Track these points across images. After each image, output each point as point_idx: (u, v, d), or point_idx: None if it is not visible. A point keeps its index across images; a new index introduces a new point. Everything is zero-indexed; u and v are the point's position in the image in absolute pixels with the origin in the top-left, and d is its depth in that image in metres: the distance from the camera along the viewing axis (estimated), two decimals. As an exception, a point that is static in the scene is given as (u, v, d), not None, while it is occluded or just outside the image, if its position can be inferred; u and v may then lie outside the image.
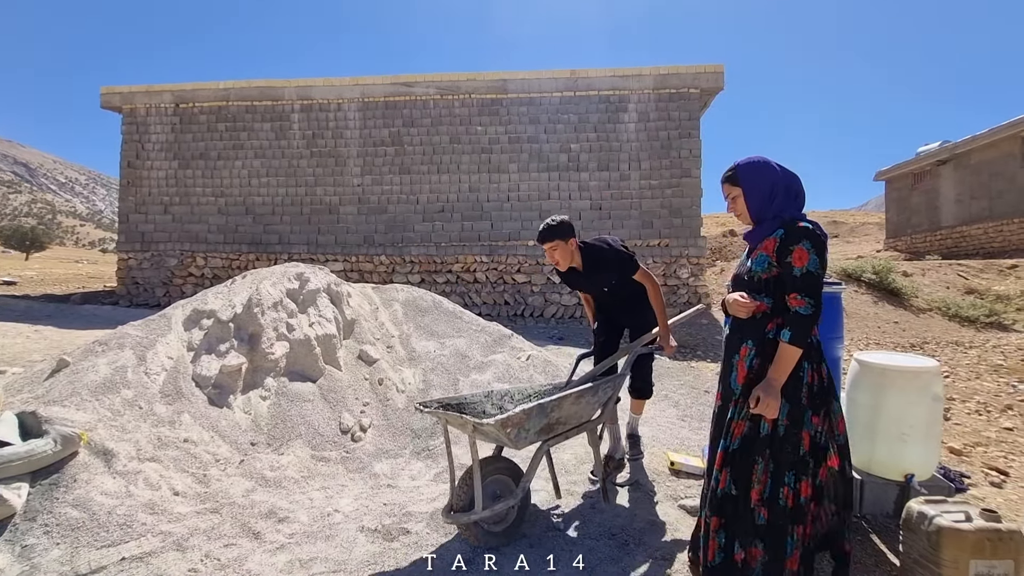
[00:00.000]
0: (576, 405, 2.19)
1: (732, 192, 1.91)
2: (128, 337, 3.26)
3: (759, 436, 1.75)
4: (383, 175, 11.10)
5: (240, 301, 3.71)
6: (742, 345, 1.85)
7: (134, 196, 11.77)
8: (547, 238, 2.66)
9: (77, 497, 2.20)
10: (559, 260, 2.68)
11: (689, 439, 3.60)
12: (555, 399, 2.08)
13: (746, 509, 1.75)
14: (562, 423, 2.17)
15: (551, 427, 2.13)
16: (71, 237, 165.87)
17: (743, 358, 1.83)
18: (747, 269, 1.88)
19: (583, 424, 2.35)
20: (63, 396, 2.76)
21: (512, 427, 1.92)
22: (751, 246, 1.92)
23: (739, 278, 1.93)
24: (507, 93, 10.74)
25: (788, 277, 1.74)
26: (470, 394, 2.48)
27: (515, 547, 2.18)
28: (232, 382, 3.34)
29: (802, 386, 1.75)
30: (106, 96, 11.85)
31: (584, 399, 2.23)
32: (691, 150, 10.26)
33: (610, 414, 2.48)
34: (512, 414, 1.91)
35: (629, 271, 2.73)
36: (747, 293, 1.83)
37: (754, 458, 1.75)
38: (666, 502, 2.68)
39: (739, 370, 1.85)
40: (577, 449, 3.29)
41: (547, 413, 2.05)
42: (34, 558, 1.95)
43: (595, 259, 2.72)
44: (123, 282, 11.76)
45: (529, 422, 1.98)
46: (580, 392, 2.19)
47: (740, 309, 1.82)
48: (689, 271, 10.16)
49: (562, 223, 2.65)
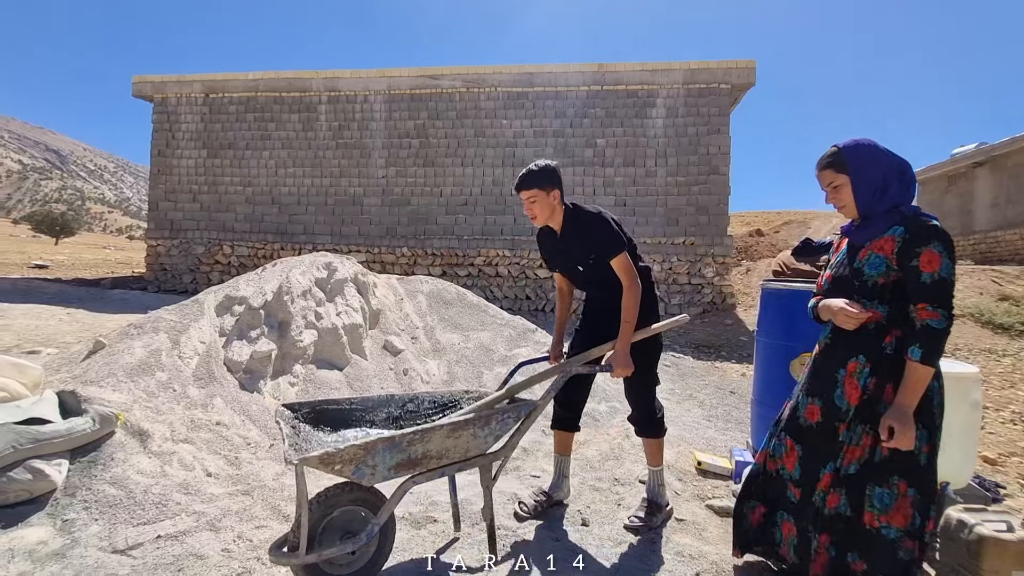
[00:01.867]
0: (453, 439, 1.78)
1: (835, 180, 1.64)
2: (163, 321, 3.33)
3: (875, 461, 1.59)
4: (407, 167, 11.15)
5: (271, 289, 3.76)
6: (850, 359, 1.63)
7: (164, 184, 12.02)
8: (526, 185, 2.20)
9: (114, 475, 2.25)
10: (537, 214, 2.25)
11: (715, 439, 3.55)
12: (414, 432, 1.68)
13: (861, 529, 1.61)
14: (434, 458, 1.76)
15: (416, 462, 1.72)
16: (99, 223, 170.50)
17: (852, 374, 1.62)
18: (853, 271, 1.64)
19: (471, 459, 1.89)
20: (100, 377, 2.82)
21: (344, 464, 1.55)
22: (855, 244, 1.66)
23: (841, 281, 1.68)
24: (533, 87, 10.67)
25: (914, 284, 1.50)
26: (360, 398, 2.12)
27: (544, 544, 2.17)
28: (262, 368, 3.39)
29: (932, 407, 1.55)
30: (138, 85, 12.10)
31: (467, 431, 1.81)
32: (720, 147, 10.08)
33: (512, 449, 2.03)
34: (334, 451, 1.53)
35: (608, 252, 2.20)
36: (855, 299, 1.61)
37: (871, 484, 1.59)
38: (693, 502, 2.64)
39: (847, 387, 1.64)
40: (602, 445, 3.27)
41: (402, 448, 1.66)
42: (74, 532, 1.99)
43: (577, 223, 2.26)
44: (151, 268, 12.04)
45: (372, 457, 1.60)
46: (459, 424, 1.78)
47: (849, 320, 1.58)
48: (714, 270, 10.00)
49: (545, 168, 2.21)
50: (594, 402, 3.87)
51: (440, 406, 2.24)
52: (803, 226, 28.11)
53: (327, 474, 1.62)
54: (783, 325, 2.95)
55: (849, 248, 1.70)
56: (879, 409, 1.57)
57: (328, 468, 1.55)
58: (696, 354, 6.98)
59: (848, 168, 1.62)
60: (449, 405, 2.25)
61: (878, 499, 1.58)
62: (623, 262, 2.21)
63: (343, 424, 2.02)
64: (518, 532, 2.23)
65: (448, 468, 1.85)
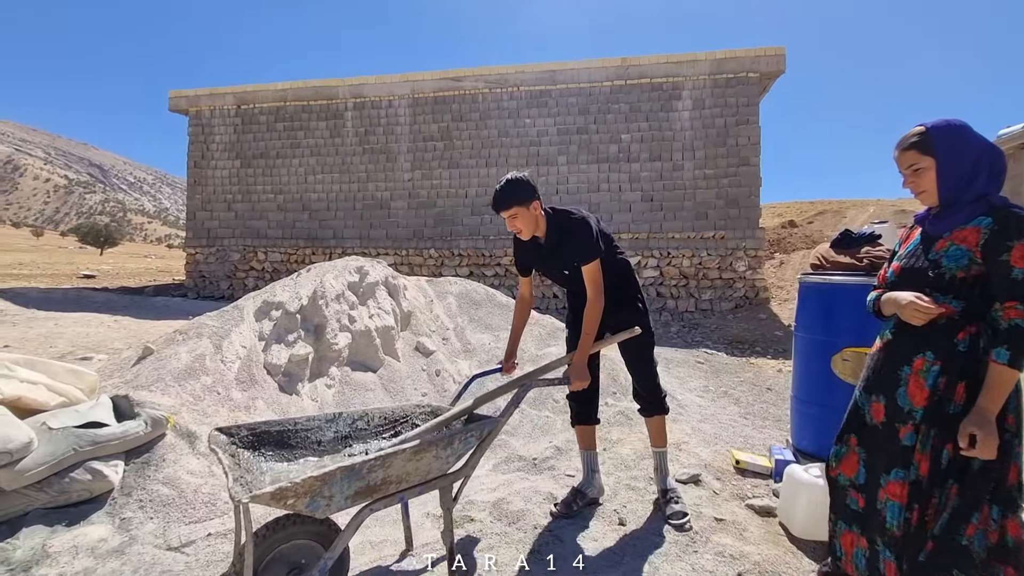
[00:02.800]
0: (415, 461, 1.66)
1: (919, 163, 1.51)
2: (206, 327, 3.45)
3: (940, 468, 1.48)
4: (432, 170, 11.26)
5: (306, 293, 3.85)
6: (916, 356, 1.51)
7: (200, 194, 12.45)
8: (503, 205, 2.12)
9: (166, 475, 2.35)
10: (521, 228, 2.20)
11: (753, 437, 3.47)
12: (375, 458, 1.53)
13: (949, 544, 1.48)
14: (394, 483, 1.64)
15: (374, 489, 1.59)
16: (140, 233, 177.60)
17: (918, 372, 1.50)
18: (929, 263, 1.51)
19: (432, 480, 1.78)
20: (149, 382, 2.95)
21: (298, 497, 1.40)
22: (932, 234, 1.54)
23: (911, 273, 1.56)
24: (556, 84, 10.64)
25: (1003, 280, 1.39)
26: (306, 417, 1.97)
27: (581, 545, 2.17)
28: (300, 370, 3.48)
29: (1008, 411, 1.43)
30: (174, 100, 12.55)
31: (429, 453, 1.68)
32: (749, 137, 9.85)
33: (473, 468, 1.93)
34: (290, 485, 1.37)
35: (581, 258, 2.18)
36: (926, 292, 1.49)
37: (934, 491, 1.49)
38: (732, 501, 2.59)
39: (911, 386, 1.52)
40: (636, 444, 3.24)
41: (362, 475, 1.52)
42: (132, 530, 2.09)
43: (559, 230, 2.23)
44: (191, 275, 12.49)
45: (329, 488, 1.46)
46: (421, 446, 1.65)
47: (919, 315, 1.45)
48: (746, 264, 9.79)
49: (519, 182, 2.13)
50: (627, 400, 3.84)
51: (391, 422, 2.12)
52: (838, 216, 27.17)
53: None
54: (823, 320, 2.87)
55: (924, 238, 1.56)
56: (949, 410, 1.46)
57: (280, 503, 1.39)
58: (729, 350, 6.85)
59: (935, 151, 1.48)
60: (400, 421, 2.14)
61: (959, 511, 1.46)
62: (592, 272, 2.20)
63: (285, 447, 1.88)
64: (554, 532, 2.23)
65: (408, 492, 1.73)
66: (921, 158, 1.51)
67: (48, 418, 2.24)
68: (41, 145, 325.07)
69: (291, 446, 1.91)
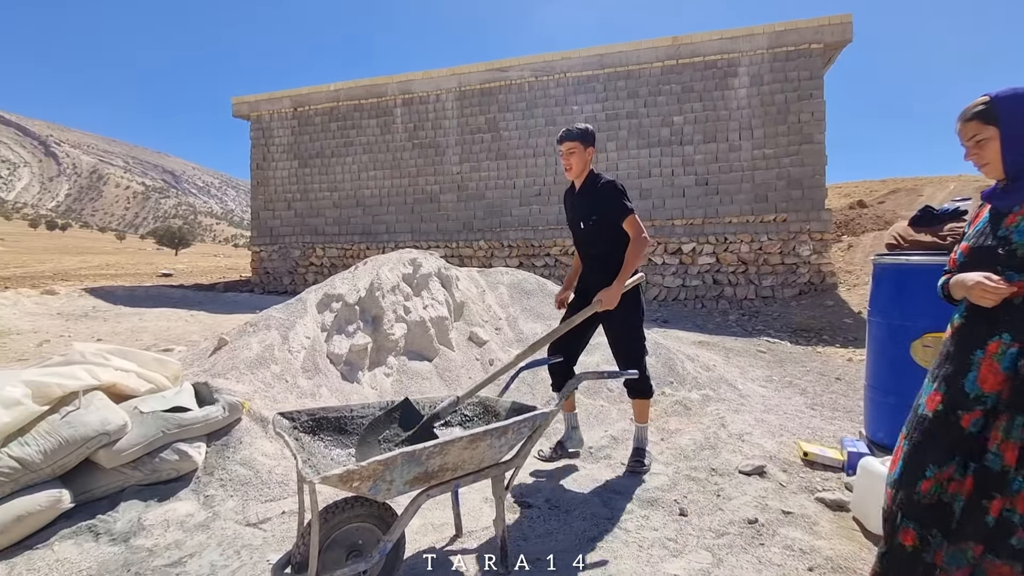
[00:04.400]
0: (471, 450, 1.70)
1: (981, 133, 1.44)
2: (273, 319, 3.64)
3: None
4: (480, 162, 11.33)
5: (363, 286, 3.98)
6: (991, 339, 1.42)
7: (263, 195, 13.09)
8: (569, 136, 2.61)
9: (243, 457, 2.51)
10: (574, 164, 2.64)
11: (822, 429, 3.30)
12: (434, 445, 1.58)
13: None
14: (449, 470, 1.68)
15: (431, 475, 1.64)
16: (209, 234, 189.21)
17: (993, 356, 1.41)
18: (998, 240, 1.44)
19: (485, 469, 1.81)
20: (225, 370, 3.15)
21: (362, 480, 1.45)
22: (1001, 210, 1.47)
23: (981, 252, 1.48)
24: (603, 68, 10.42)
25: None
26: (361, 404, 2.05)
27: (639, 533, 2.14)
28: (360, 360, 3.62)
29: None
30: (236, 105, 13.22)
31: (484, 442, 1.71)
32: (813, 113, 9.29)
33: (524, 458, 1.96)
34: (356, 468, 1.43)
35: (615, 213, 2.58)
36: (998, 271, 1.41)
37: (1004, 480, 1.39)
38: (801, 494, 2.48)
39: (983, 370, 1.43)
40: (695, 434, 3.16)
41: (421, 462, 1.57)
42: (215, 506, 2.25)
43: (593, 184, 2.66)
44: (256, 272, 13.20)
45: (391, 473, 1.51)
46: (478, 435, 1.68)
47: (988, 295, 1.37)
48: (811, 248, 9.28)
49: (586, 129, 2.62)
50: (684, 390, 3.75)
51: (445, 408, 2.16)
52: (913, 194, 25.22)
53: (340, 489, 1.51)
54: (900, 303, 2.67)
55: (992, 215, 1.48)
56: None
57: (346, 486, 1.45)
58: (794, 339, 6.53)
59: (999, 120, 1.41)
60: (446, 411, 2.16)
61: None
62: (633, 223, 2.58)
63: (343, 433, 1.96)
64: (613, 520, 2.21)
65: (462, 479, 1.77)
66: (984, 128, 1.43)
67: (139, 403, 2.44)
68: (121, 155, 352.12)
69: (348, 432, 1.99)
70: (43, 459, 2.04)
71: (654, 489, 2.49)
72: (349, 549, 1.72)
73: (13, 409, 2.04)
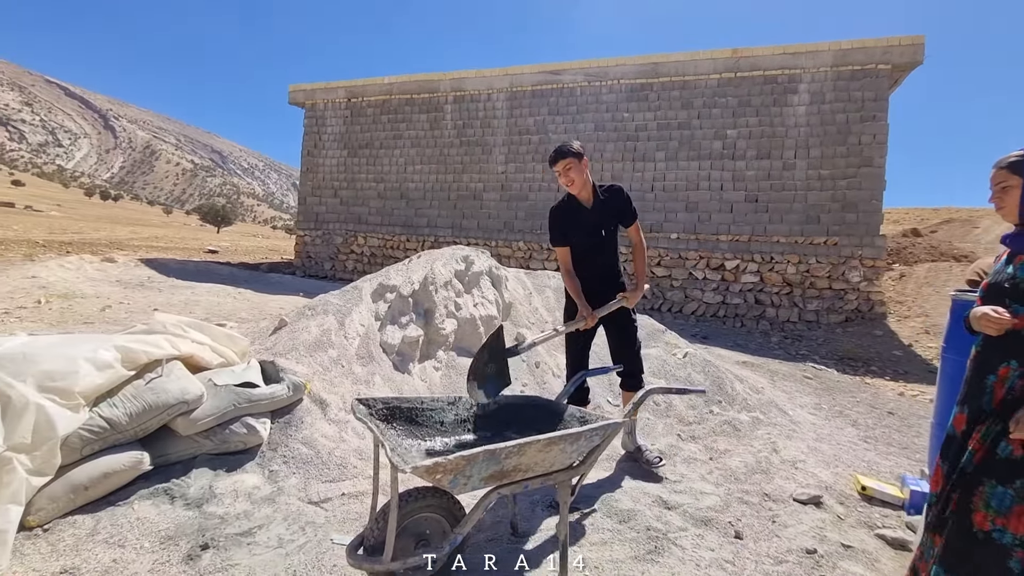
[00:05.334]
0: (545, 453, 1.72)
1: (1007, 181, 1.64)
2: (331, 304, 3.73)
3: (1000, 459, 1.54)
4: (526, 163, 11.36)
5: (417, 279, 4.05)
6: (1002, 365, 1.59)
7: (311, 181, 13.43)
8: (562, 155, 2.63)
9: (305, 436, 2.59)
10: (574, 179, 2.66)
11: (877, 464, 3.20)
12: (514, 445, 1.61)
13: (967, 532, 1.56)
14: (521, 471, 1.71)
15: (505, 474, 1.68)
16: (250, 214, 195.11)
17: (1002, 379, 1.57)
18: (1007, 277, 1.62)
19: (554, 473, 1.84)
20: (285, 350, 3.25)
21: (444, 473, 1.50)
22: (1014, 251, 1.67)
23: (994, 288, 1.67)
24: (658, 77, 10.31)
25: None
26: (431, 398, 2.11)
27: (694, 551, 2.12)
28: (411, 351, 3.68)
29: None
30: (293, 93, 13.59)
31: (557, 447, 1.74)
32: (875, 135, 8.99)
33: (591, 466, 1.98)
34: (444, 461, 1.47)
35: (628, 217, 2.76)
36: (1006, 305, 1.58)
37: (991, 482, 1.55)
38: (859, 528, 2.42)
39: (997, 393, 1.59)
40: (745, 456, 3.10)
41: (499, 460, 1.61)
42: (279, 482, 2.33)
43: (607, 193, 2.74)
44: (299, 255, 13.54)
45: (471, 468, 1.55)
46: (553, 439, 1.71)
47: (991, 325, 1.56)
48: (861, 274, 8.98)
49: (571, 143, 2.66)
50: (734, 410, 3.69)
51: (501, 408, 2.22)
52: (968, 225, 24.13)
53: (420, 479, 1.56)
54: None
55: (1008, 256, 1.70)
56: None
57: (431, 477, 1.48)
58: (840, 367, 6.33)
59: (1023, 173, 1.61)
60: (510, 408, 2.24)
61: (996, 499, 1.52)
62: (638, 226, 2.83)
63: (414, 424, 2.02)
64: (669, 536, 2.20)
65: (531, 481, 1.79)
66: (1010, 177, 1.64)
67: (212, 375, 2.54)
68: (173, 132, 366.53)
69: (418, 423, 2.04)
70: (128, 421, 2.16)
71: (706, 509, 2.46)
72: (417, 538, 1.77)
73: (105, 371, 2.16)
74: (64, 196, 74.30)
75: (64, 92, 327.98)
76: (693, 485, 2.71)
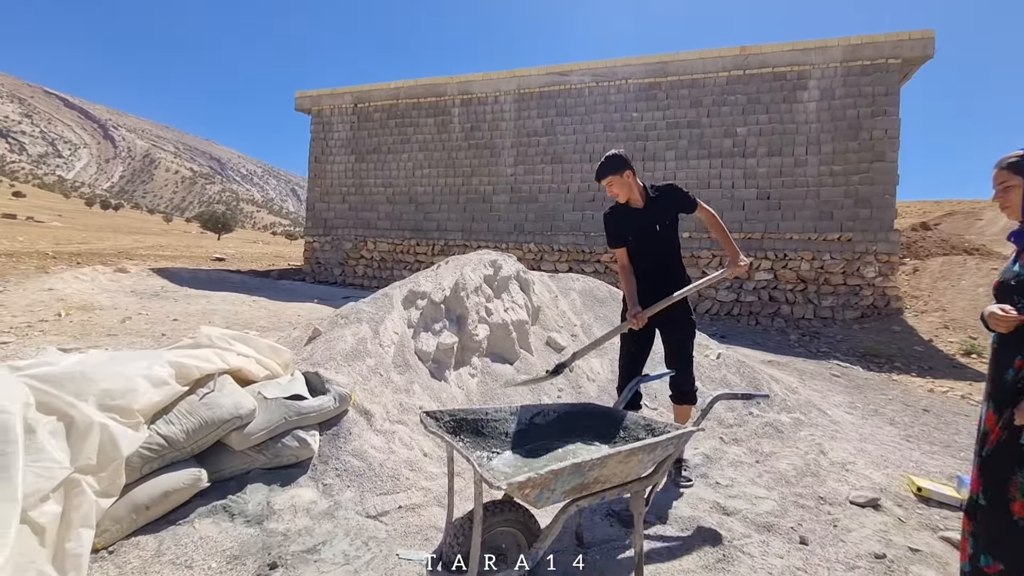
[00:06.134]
0: (625, 464, 1.71)
1: (1009, 181, 1.69)
2: (363, 312, 3.71)
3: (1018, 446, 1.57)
4: (535, 165, 11.34)
5: (448, 285, 4.02)
6: (1017, 358, 1.64)
7: (319, 187, 13.41)
8: (602, 174, 2.70)
9: (355, 448, 2.56)
10: (618, 192, 2.72)
11: (925, 464, 3.17)
12: (599, 458, 1.58)
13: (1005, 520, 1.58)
14: (600, 482, 1.70)
15: (585, 486, 1.66)
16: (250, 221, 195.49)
17: (1018, 371, 1.62)
18: (1014, 274, 1.67)
19: (629, 483, 1.81)
20: (323, 360, 3.22)
21: (533, 488, 1.47)
22: (1019, 248, 1.72)
23: (1004, 286, 1.71)
24: (666, 76, 10.29)
25: None
26: (494, 408, 2.08)
27: (768, 560, 2.09)
28: (447, 359, 3.65)
29: None
30: (299, 100, 13.58)
31: (637, 457, 1.72)
32: (887, 130, 8.97)
33: (663, 475, 1.95)
34: (536, 476, 1.44)
35: (687, 205, 2.77)
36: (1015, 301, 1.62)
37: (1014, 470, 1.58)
38: (923, 531, 2.38)
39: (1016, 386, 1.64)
40: (793, 459, 3.07)
41: (583, 472, 1.58)
42: (335, 495, 2.30)
43: (657, 192, 2.76)
44: (308, 261, 13.52)
45: (557, 482, 1.52)
46: (635, 449, 1.69)
47: (999, 323, 1.61)
48: (876, 270, 8.95)
49: (614, 156, 2.67)
50: (773, 412, 3.65)
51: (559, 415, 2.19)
52: (971, 218, 24.12)
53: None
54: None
55: (1016, 255, 1.72)
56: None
57: (520, 492, 1.45)
58: (864, 364, 6.29)
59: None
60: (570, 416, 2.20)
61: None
62: (704, 205, 2.83)
63: (480, 435, 1.99)
64: (734, 543, 2.17)
65: (608, 492, 1.76)
66: (1011, 177, 1.68)
67: (261, 388, 2.51)
68: (172, 140, 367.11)
69: (483, 435, 2.01)
70: (185, 438, 2.13)
71: (765, 514, 2.43)
72: (494, 552, 1.74)
73: (161, 388, 2.13)
74: (65, 206, 74.40)
75: (63, 103, 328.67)
76: (746, 489, 2.68)
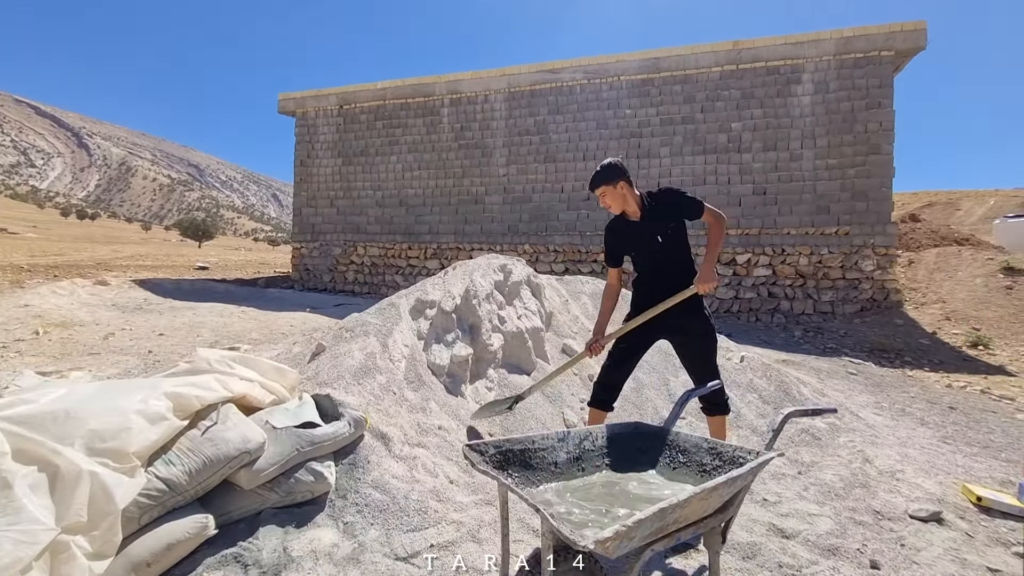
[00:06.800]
0: (706, 500, 1.55)
1: None
2: (370, 325, 3.46)
3: None
4: (528, 164, 11.14)
5: (457, 292, 3.79)
6: None
7: (306, 192, 13.04)
8: (594, 185, 2.61)
9: (375, 479, 2.32)
10: (610, 204, 2.62)
11: (973, 468, 3.02)
12: (683, 500, 1.43)
13: None
14: (679, 522, 1.55)
15: (663, 528, 1.50)
16: (230, 227, 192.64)
17: None
18: None
19: (704, 520, 1.65)
20: (331, 379, 2.97)
21: (620, 539, 1.31)
22: None
23: None
24: (659, 72, 10.16)
25: None
26: (540, 436, 1.92)
27: None
28: (462, 372, 3.42)
29: None
30: (283, 102, 13.20)
31: (716, 492, 1.56)
32: (881, 122, 8.94)
33: (738, 507, 1.81)
34: (622, 528, 1.28)
35: (692, 210, 2.57)
36: None
37: None
38: (995, 547, 2.22)
39: None
40: (839, 469, 2.90)
41: (664, 516, 1.41)
42: (358, 536, 2.06)
43: (654, 201, 2.62)
44: (296, 268, 13.14)
45: (637, 530, 1.36)
46: (718, 484, 1.53)
47: None
48: (874, 263, 8.91)
49: (609, 166, 2.56)
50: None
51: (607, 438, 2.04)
52: (950, 208, 24.52)
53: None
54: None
55: None
56: None
57: (601, 547, 1.26)
58: (876, 359, 6.20)
59: None
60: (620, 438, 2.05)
61: None
62: (711, 209, 2.59)
63: (528, 468, 1.84)
64: (803, 571, 1.98)
65: (683, 532, 1.59)
66: None
67: (268, 416, 2.26)
68: (149, 148, 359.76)
69: (532, 467, 1.83)
70: (188, 480, 1.87)
71: (826, 535, 2.25)
72: None
73: (159, 424, 1.87)
74: (39, 217, 72.23)
75: (35, 111, 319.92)
76: (796, 506, 2.50)
